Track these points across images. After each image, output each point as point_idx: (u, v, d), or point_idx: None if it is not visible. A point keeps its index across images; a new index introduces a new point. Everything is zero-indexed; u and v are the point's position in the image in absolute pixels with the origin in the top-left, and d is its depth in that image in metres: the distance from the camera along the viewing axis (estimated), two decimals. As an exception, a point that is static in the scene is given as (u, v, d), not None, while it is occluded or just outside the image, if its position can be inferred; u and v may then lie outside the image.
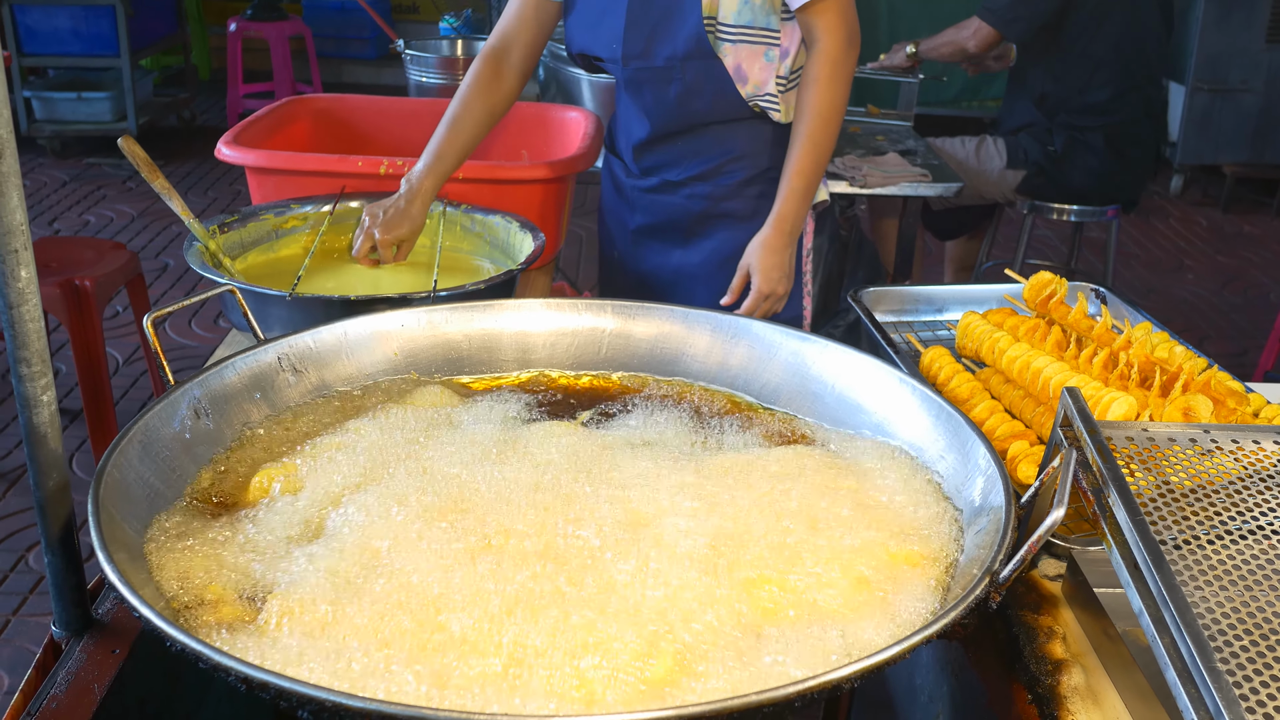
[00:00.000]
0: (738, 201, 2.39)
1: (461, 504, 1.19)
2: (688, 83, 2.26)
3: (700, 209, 2.42)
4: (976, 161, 4.35)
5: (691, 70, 2.24)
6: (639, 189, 2.48)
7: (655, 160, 2.42)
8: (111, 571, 0.97)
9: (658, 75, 2.28)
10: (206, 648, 0.88)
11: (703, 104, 2.29)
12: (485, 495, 1.21)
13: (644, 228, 2.51)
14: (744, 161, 2.36)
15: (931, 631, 0.95)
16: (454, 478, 1.25)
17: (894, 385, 1.42)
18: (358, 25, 8.93)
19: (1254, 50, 6.84)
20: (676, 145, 2.38)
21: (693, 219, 2.43)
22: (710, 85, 2.25)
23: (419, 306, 1.60)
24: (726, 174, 2.38)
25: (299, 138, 2.87)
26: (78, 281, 3.54)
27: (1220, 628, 0.96)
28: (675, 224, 2.46)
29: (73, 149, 7.27)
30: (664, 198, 2.45)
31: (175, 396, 1.29)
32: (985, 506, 1.18)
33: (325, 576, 1.08)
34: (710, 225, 2.43)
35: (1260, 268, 6.27)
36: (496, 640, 0.98)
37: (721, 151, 2.35)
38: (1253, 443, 1.21)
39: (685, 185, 2.41)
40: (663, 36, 2.23)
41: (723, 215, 2.41)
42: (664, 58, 2.25)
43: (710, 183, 2.39)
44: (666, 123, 2.35)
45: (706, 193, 2.40)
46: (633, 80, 2.32)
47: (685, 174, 2.40)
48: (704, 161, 2.37)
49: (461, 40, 4.11)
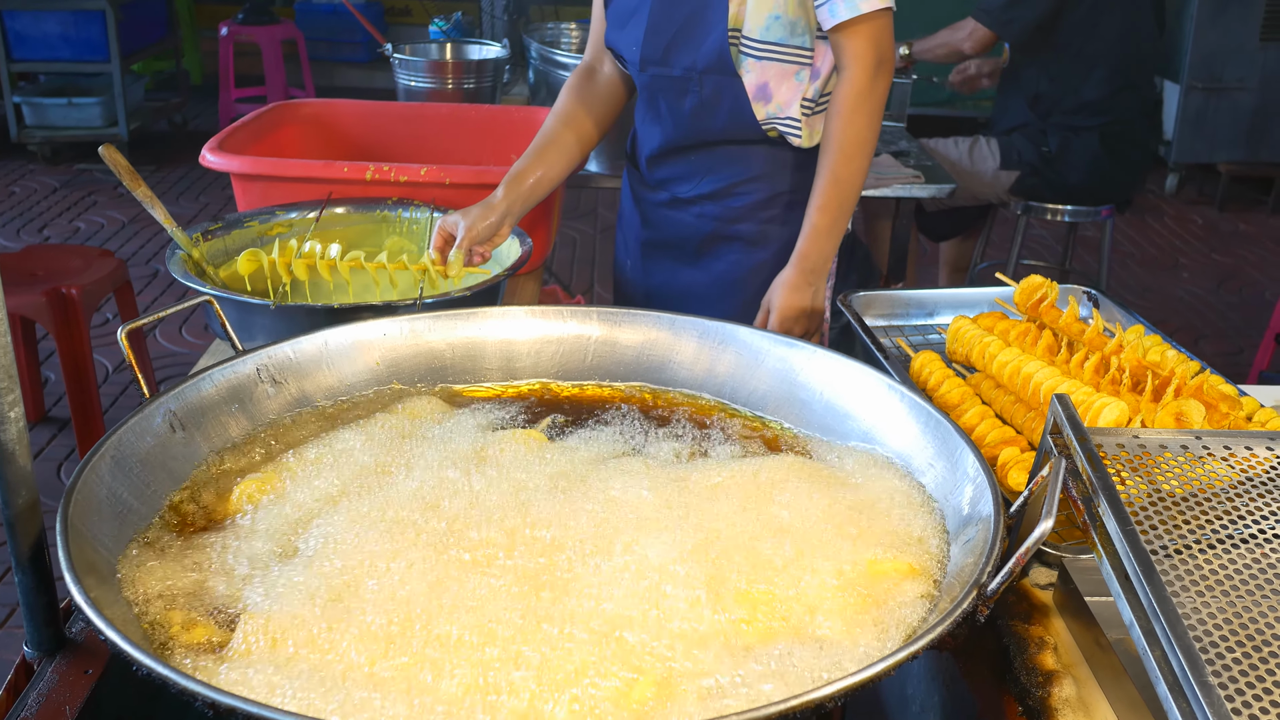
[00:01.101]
0: (749, 225, 2.31)
1: (441, 520, 1.17)
2: (704, 97, 2.18)
3: (709, 229, 2.34)
4: (970, 162, 4.33)
5: (709, 84, 2.16)
6: (651, 202, 2.42)
7: (667, 173, 2.35)
8: (78, 593, 0.95)
9: (674, 85, 2.20)
10: (173, 672, 0.86)
11: (717, 121, 2.21)
12: (466, 511, 1.19)
13: (653, 242, 2.44)
14: (757, 184, 2.27)
15: (917, 647, 0.92)
16: (434, 493, 1.23)
17: (882, 392, 1.40)
18: (350, 29, 8.90)
19: (1249, 48, 6.84)
20: (690, 160, 2.31)
21: (702, 239, 2.36)
22: (726, 103, 2.17)
23: (402, 315, 1.58)
24: (738, 195, 2.29)
25: (286, 143, 2.85)
26: (64, 290, 3.52)
27: (1212, 639, 0.94)
28: (684, 242, 2.39)
29: (63, 155, 7.25)
30: (674, 214, 2.37)
31: (150, 410, 1.27)
32: (974, 516, 1.16)
33: (301, 596, 1.05)
34: (719, 246, 2.35)
35: (1256, 266, 6.26)
36: (475, 661, 0.96)
37: (735, 172, 2.27)
38: (1245, 449, 1.19)
39: (695, 204, 2.33)
40: (683, 45, 2.16)
41: (732, 238, 2.33)
42: (682, 68, 2.17)
43: (720, 204, 2.31)
44: (680, 135, 2.27)
45: (716, 213, 2.32)
46: (649, 87, 2.25)
47: (695, 192, 2.32)
48: (716, 180, 2.29)
49: (451, 44, 4.08)
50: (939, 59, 4.41)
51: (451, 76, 3.79)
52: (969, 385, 1.67)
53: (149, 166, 7.26)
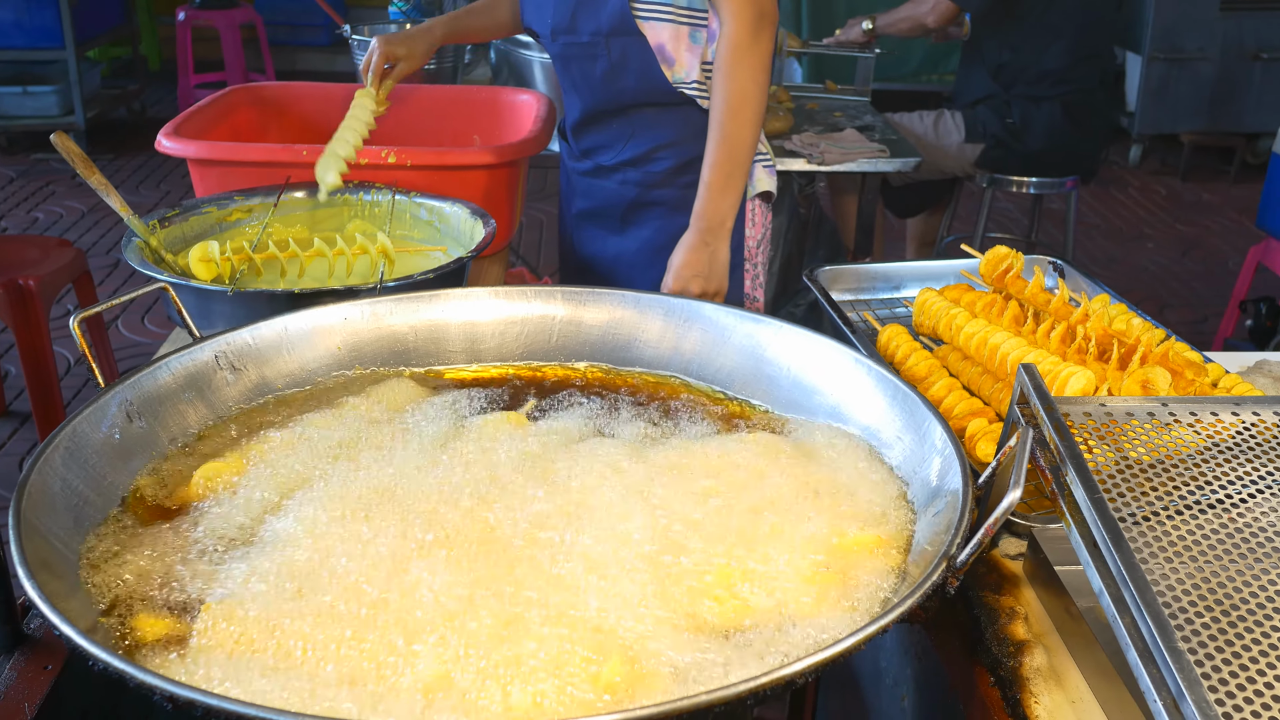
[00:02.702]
0: (669, 190, 2.33)
1: (405, 505, 1.15)
2: (613, 60, 2.21)
3: (632, 196, 2.37)
4: (935, 136, 4.33)
5: (616, 47, 2.19)
6: (578, 172, 2.46)
7: (590, 142, 2.39)
8: (31, 588, 0.92)
9: (584, 51, 2.24)
10: (131, 666, 0.84)
11: (628, 83, 2.24)
12: (431, 495, 1.17)
13: (583, 212, 2.47)
14: (673, 149, 2.30)
15: (887, 620, 0.92)
16: (399, 477, 1.22)
17: (849, 366, 1.39)
18: (310, 12, 8.76)
19: (1209, 19, 6.87)
20: (611, 127, 2.34)
21: (626, 205, 2.39)
22: (635, 64, 2.20)
23: (363, 299, 1.56)
24: (656, 160, 2.32)
25: (243, 128, 2.80)
26: (21, 281, 3.45)
27: (1181, 605, 0.94)
28: (610, 210, 2.42)
29: (19, 144, 7.12)
30: (598, 182, 2.41)
31: (104, 400, 1.24)
32: (942, 488, 1.15)
33: (262, 584, 1.04)
34: (642, 213, 2.38)
35: (1219, 235, 6.31)
36: (440, 646, 0.94)
37: (652, 137, 2.30)
38: (1211, 414, 1.19)
39: (617, 170, 2.37)
40: (587, 10, 2.19)
41: (654, 203, 2.36)
42: (589, 33, 2.21)
43: (640, 169, 2.34)
44: (595, 102, 2.31)
45: (637, 179, 2.35)
46: (562, 56, 2.29)
47: (617, 159, 2.36)
48: (636, 146, 2.32)
49: (410, 24, 4.03)
50: (903, 33, 4.41)
51: (412, 58, 3.73)
52: (936, 357, 1.66)
53: (107, 155, 7.14)
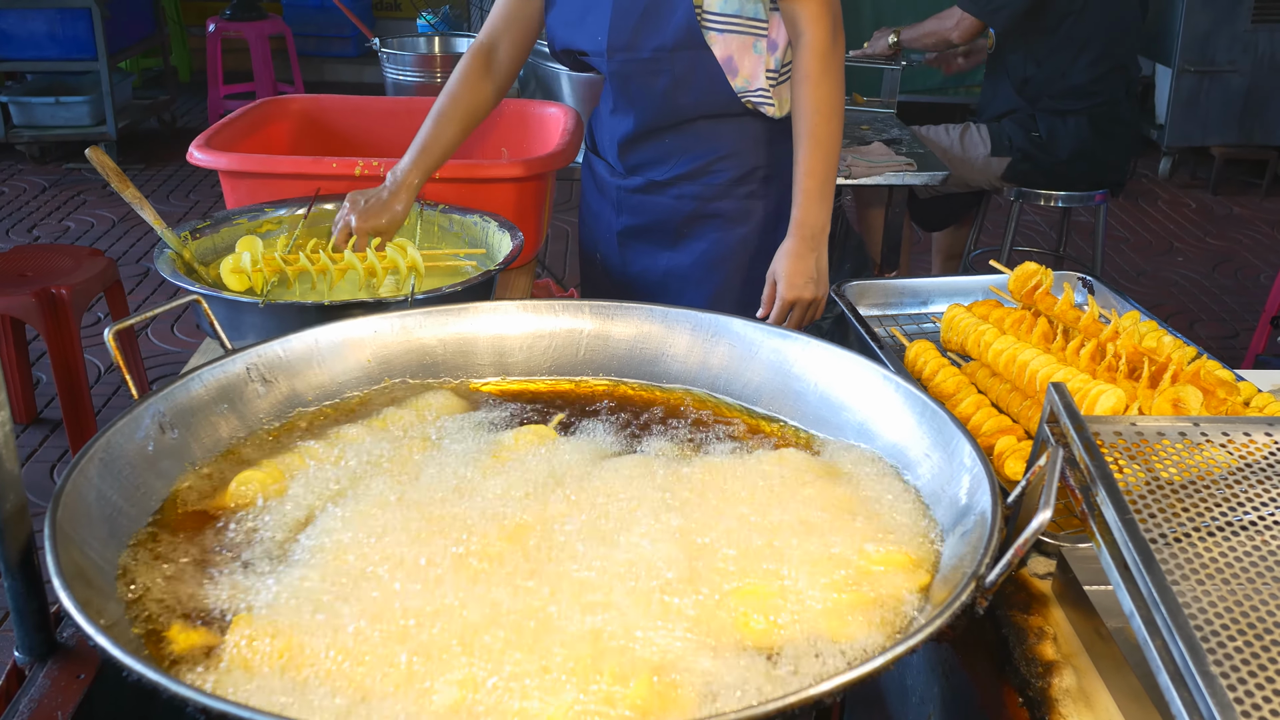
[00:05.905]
0: (728, 201, 2.33)
1: (436, 518, 1.16)
2: (676, 75, 2.21)
3: (689, 209, 2.35)
4: (961, 149, 4.32)
5: (681, 62, 2.19)
6: (624, 189, 2.42)
7: (641, 158, 2.37)
8: (66, 598, 0.93)
9: (645, 67, 2.22)
10: (163, 677, 0.85)
11: (691, 97, 2.23)
12: (461, 509, 1.18)
13: (630, 229, 2.44)
14: (733, 160, 2.30)
15: (916, 640, 0.92)
16: (430, 490, 1.22)
17: (877, 383, 1.39)
18: (338, 23, 8.86)
19: (1240, 30, 6.82)
20: (664, 142, 2.32)
21: (681, 220, 2.37)
22: (700, 77, 2.20)
23: (393, 311, 1.57)
24: (714, 173, 2.31)
25: (275, 140, 2.83)
26: (54, 290, 3.49)
27: (1214, 628, 0.93)
28: (663, 225, 2.40)
29: (52, 154, 7.21)
30: (651, 198, 2.39)
31: (138, 411, 1.25)
32: (971, 507, 1.15)
33: (296, 597, 1.04)
34: (699, 226, 2.36)
35: (1250, 249, 6.26)
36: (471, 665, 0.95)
37: (709, 149, 2.29)
38: (1243, 435, 1.18)
39: (673, 185, 2.35)
40: (651, 27, 2.18)
41: (712, 215, 2.34)
42: (651, 49, 2.19)
43: (698, 182, 2.33)
44: (653, 118, 2.29)
45: (695, 193, 2.34)
46: (618, 73, 2.26)
47: (672, 173, 2.34)
48: (691, 159, 2.31)
49: (439, 38, 4.06)
50: (927, 48, 4.41)
51: (440, 70, 3.77)
52: (964, 374, 1.66)
53: (138, 165, 7.22)
